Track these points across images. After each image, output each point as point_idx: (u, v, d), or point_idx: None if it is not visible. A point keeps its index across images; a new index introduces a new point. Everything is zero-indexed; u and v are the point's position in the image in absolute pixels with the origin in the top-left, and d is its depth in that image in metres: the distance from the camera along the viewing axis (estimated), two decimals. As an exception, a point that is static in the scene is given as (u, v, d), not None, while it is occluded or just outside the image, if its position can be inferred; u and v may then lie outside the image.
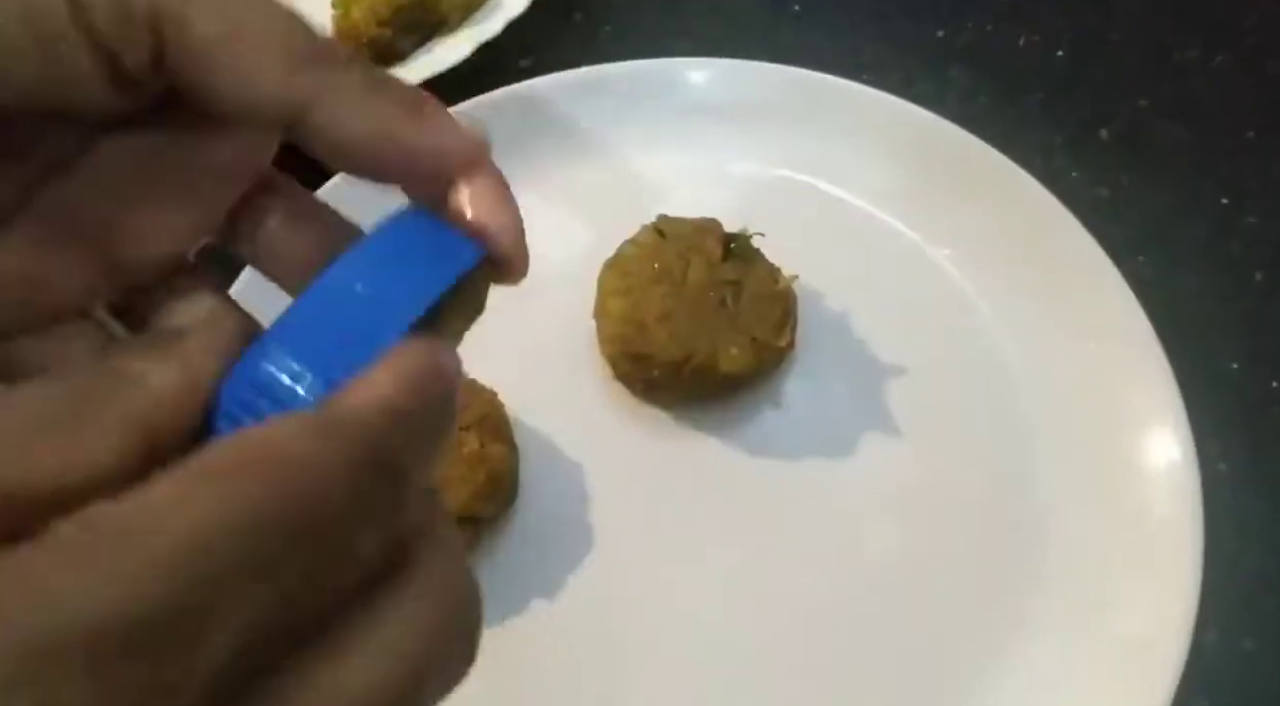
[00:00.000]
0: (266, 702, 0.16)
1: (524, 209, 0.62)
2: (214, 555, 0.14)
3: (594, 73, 0.63)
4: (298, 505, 0.16)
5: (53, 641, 0.13)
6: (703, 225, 0.55)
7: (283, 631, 0.16)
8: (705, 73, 0.63)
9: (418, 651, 0.18)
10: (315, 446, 0.16)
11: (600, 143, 0.63)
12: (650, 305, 0.52)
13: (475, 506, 0.49)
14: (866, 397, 0.54)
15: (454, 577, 0.19)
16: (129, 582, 0.14)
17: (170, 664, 0.14)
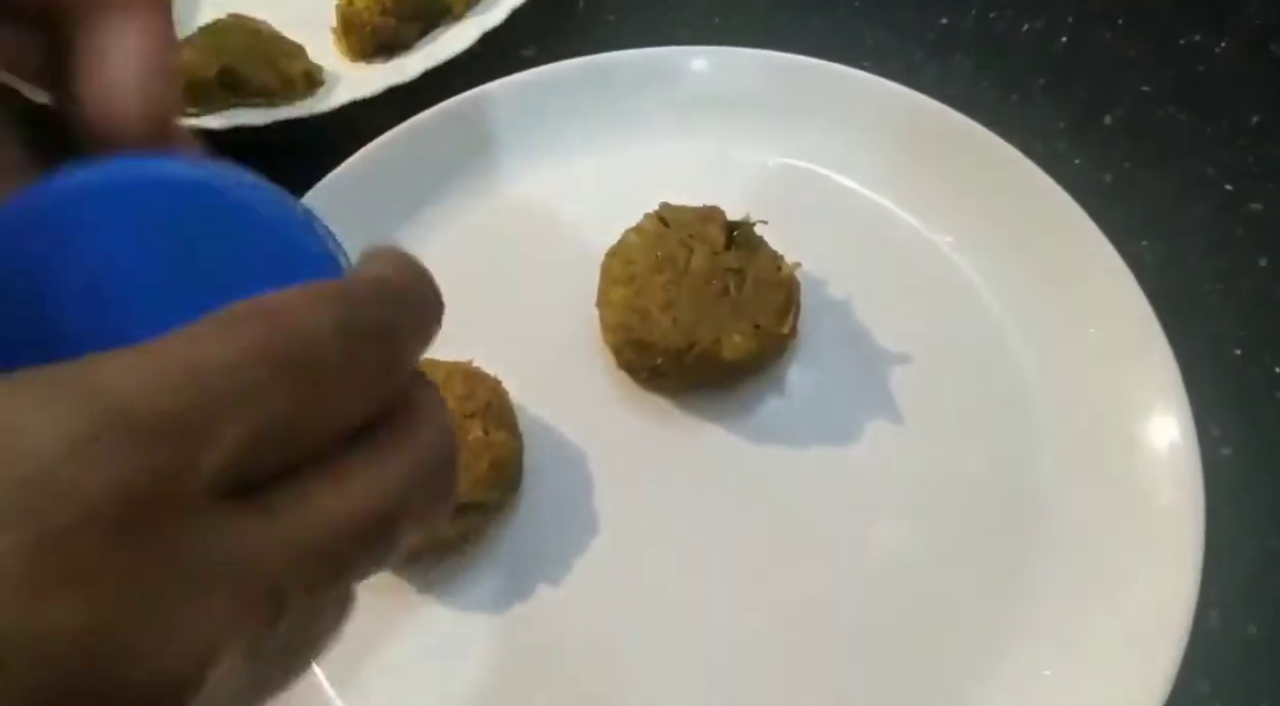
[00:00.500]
0: (265, 514, 0.20)
1: (526, 197, 0.63)
2: (219, 375, 0.19)
3: (597, 61, 0.63)
4: (295, 347, 0.20)
5: (116, 413, 0.18)
6: (705, 213, 0.55)
7: (279, 449, 0.20)
8: (707, 61, 0.63)
9: (402, 487, 0.22)
10: (318, 307, 0.21)
11: (603, 131, 0.63)
12: (653, 293, 0.53)
13: (479, 493, 0.50)
14: (869, 384, 0.54)
15: (437, 433, 0.23)
16: (157, 387, 0.18)
17: (184, 450, 0.18)
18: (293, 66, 0.64)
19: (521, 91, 0.62)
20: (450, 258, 0.59)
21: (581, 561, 0.51)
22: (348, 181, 0.59)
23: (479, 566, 0.51)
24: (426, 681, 0.48)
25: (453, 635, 0.49)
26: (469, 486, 0.49)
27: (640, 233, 0.55)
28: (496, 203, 0.61)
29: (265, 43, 0.64)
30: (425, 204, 0.61)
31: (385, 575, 0.51)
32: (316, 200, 0.59)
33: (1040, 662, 0.47)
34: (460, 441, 0.50)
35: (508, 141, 0.62)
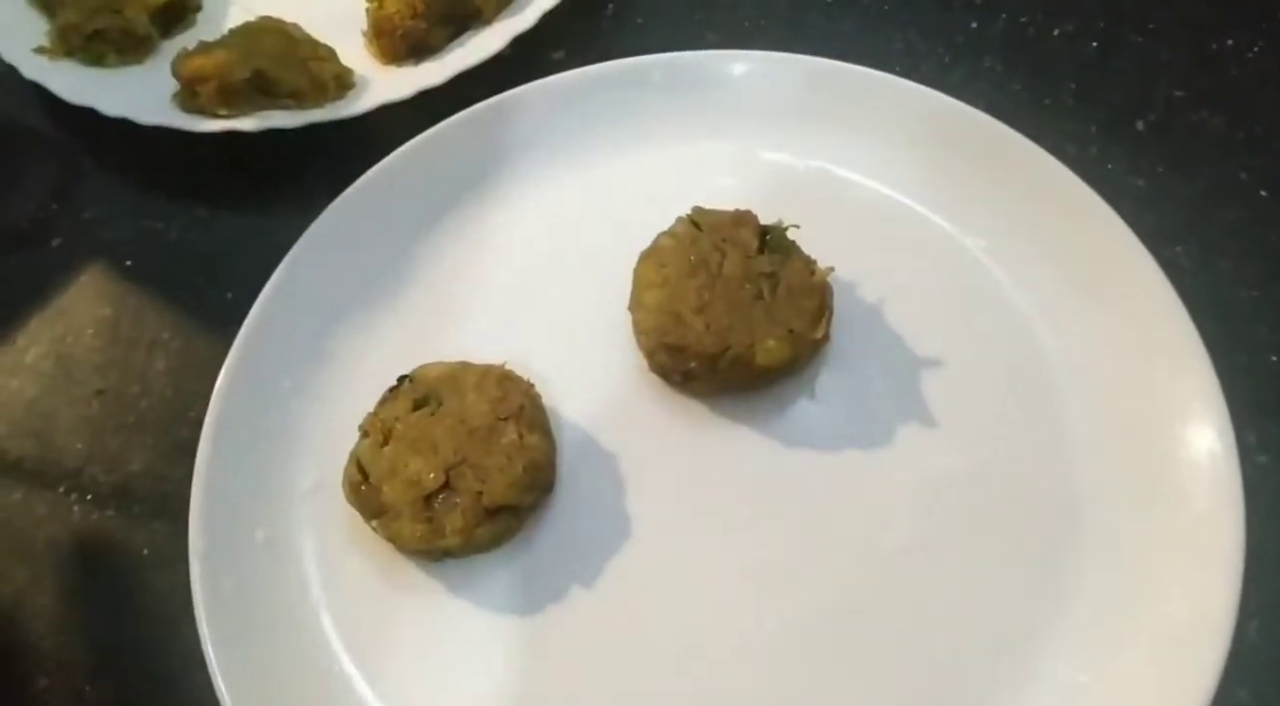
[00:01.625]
0: None
1: (559, 201, 0.63)
2: None
3: (627, 65, 0.63)
4: None
5: None
6: (738, 217, 0.55)
7: None
8: (738, 64, 0.63)
9: None
10: None
11: (634, 135, 0.63)
12: (686, 297, 0.53)
13: (514, 496, 0.50)
14: (902, 389, 0.54)
15: None
16: None
17: None
18: (324, 69, 0.64)
19: (552, 95, 0.62)
20: (482, 261, 0.60)
21: (614, 563, 0.51)
22: (379, 185, 0.60)
23: (512, 568, 0.51)
24: (457, 680, 0.49)
25: (484, 635, 0.49)
26: (503, 489, 0.49)
27: (673, 236, 0.55)
28: (527, 206, 0.61)
29: (297, 45, 0.65)
30: (456, 207, 0.61)
31: (419, 574, 0.51)
32: (347, 204, 0.59)
33: (1076, 669, 0.46)
34: (495, 445, 0.50)
35: (538, 145, 0.62)
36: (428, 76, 0.64)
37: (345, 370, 0.57)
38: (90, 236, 0.66)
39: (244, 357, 0.55)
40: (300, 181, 0.66)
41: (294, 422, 0.55)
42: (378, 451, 0.51)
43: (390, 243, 0.60)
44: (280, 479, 0.54)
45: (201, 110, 0.63)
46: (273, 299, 0.56)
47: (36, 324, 0.63)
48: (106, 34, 0.67)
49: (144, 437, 0.58)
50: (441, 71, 0.64)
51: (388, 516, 0.50)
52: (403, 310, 0.58)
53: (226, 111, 0.63)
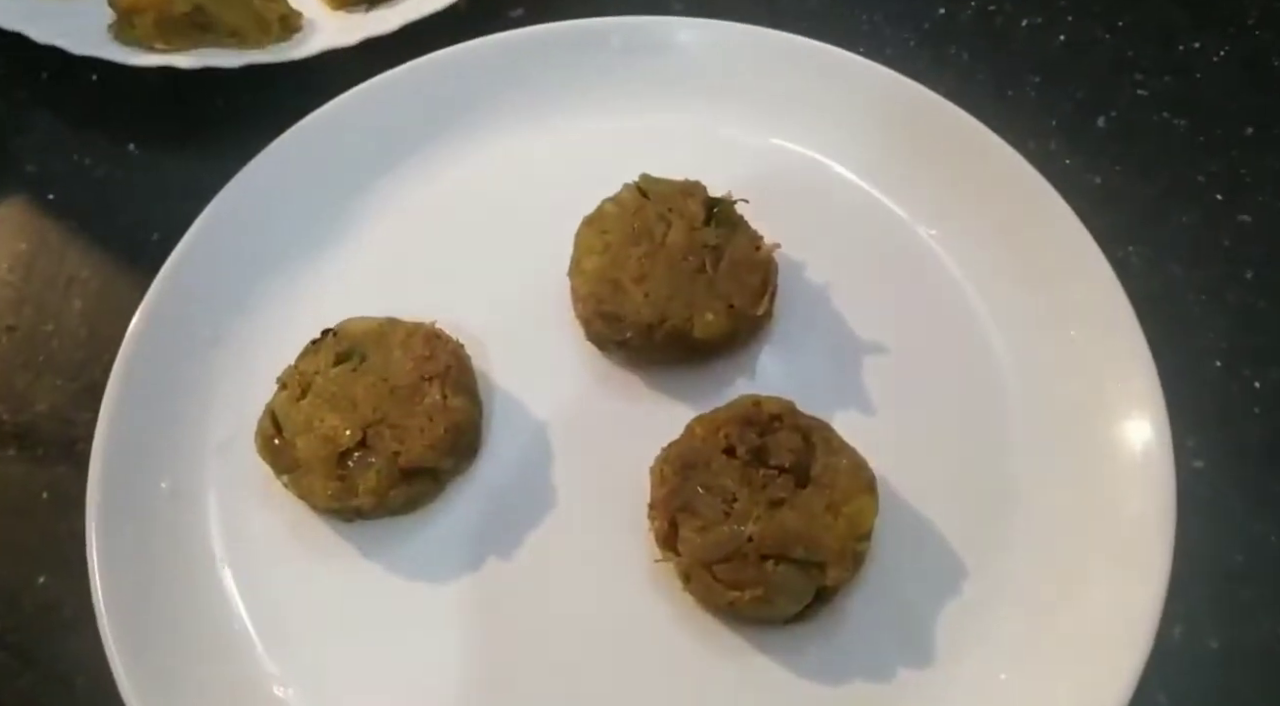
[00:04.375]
0: None
1: (504, 161, 0.61)
2: None
3: (586, 25, 0.61)
4: None
5: None
6: (686, 187, 0.54)
7: None
8: (699, 33, 0.61)
9: None
10: None
11: (587, 99, 0.61)
12: (627, 265, 0.51)
13: (432, 458, 0.48)
14: (842, 372, 0.53)
15: None
16: None
17: None
18: (269, 9, 0.61)
19: (505, 51, 0.60)
20: (420, 218, 0.58)
21: (534, 534, 0.49)
22: (317, 132, 0.57)
23: (429, 533, 0.49)
24: (363, 645, 0.47)
25: (395, 601, 0.48)
26: (421, 450, 0.47)
27: (618, 203, 0.54)
28: (471, 165, 0.59)
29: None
30: (397, 161, 0.59)
31: (330, 535, 0.49)
32: (283, 150, 0.57)
33: (995, 666, 0.45)
34: (416, 405, 0.48)
35: (487, 103, 0.60)
36: (378, 24, 0.62)
37: (269, 321, 0.54)
38: (13, 168, 0.63)
39: (162, 301, 0.52)
40: (238, 124, 0.63)
41: (211, 372, 0.53)
42: (294, 405, 0.49)
43: (325, 193, 0.57)
44: (192, 429, 0.51)
45: (138, 43, 0.60)
46: (197, 242, 0.54)
47: (-51, 255, 0.60)
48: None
49: (53, 378, 0.56)
50: (392, 19, 0.62)
51: (299, 472, 0.48)
52: (333, 263, 0.56)
53: (164, 46, 0.60)
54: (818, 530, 0.44)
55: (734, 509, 0.45)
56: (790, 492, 0.45)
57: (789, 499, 0.45)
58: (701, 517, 0.45)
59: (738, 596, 0.44)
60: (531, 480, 0.50)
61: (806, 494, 0.45)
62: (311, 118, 0.57)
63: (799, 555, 0.44)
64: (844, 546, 0.44)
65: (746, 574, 0.44)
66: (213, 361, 0.53)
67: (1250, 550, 0.50)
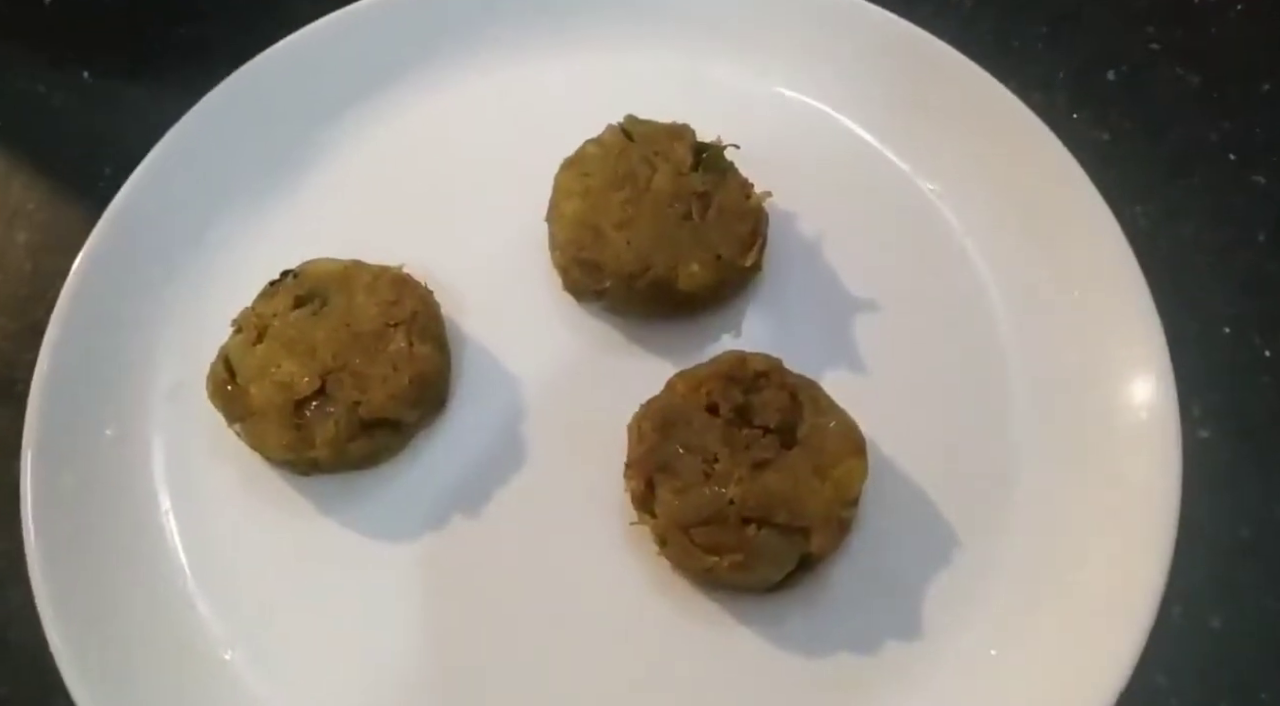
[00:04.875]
0: None
1: (480, 99, 0.57)
2: None
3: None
4: None
5: None
6: (673, 130, 0.51)
7: None
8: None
9: None
10: None
11: (570, 34, 0.57)
12: (609, 210, 0.48)
13: (395, 409, 0.45)
14: (833, 330, 0.50)
15: None
16: None
17: None
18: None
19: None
20: (390, 156, 0.54)
21: (501, 492, 0.46)
22: (282, 63, 0.54)
23: (390, 488, 0.46)
24: (315, 604, 0.44)
25: (355, 559, 0.45)
26: (384, 400, 0.45)
27: (601, 145, 0.50)
28: (445, 102, 0.56)
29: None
30: (366, 95, 0.55)
31: (285, 488, 0.46)
32: (245, 79, 0.53)
33: (986, 642, 0.43)
34: (380, 352, 0.45)
35: (464, 35, 0.56)
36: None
37: (225, 261, 0.51)
38: None
39: (110, 237, 0.49)
40: (201, 54, 0.59)
41: (162, 313, 0.50)
42: (249, 349, 0.46)
43: (288, 129, 0.54)
44: (140, 373, 0.48)
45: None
46: (150, 175, 0.51)
47: (-112, 184, 0.56)
48: None
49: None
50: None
51: (253, 420, 0.45)
52: (295, 202, 0.53)
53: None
54: (803, 494, 0.42)
55: (715, 470, 0.42)
56: (775, 454, 0.42)
57: (773, 460, 0.42)
58: (680, 478, 0.42)
59: (716, 562, 0.42)
60: (501, 435, 0.47)
61: (792, 455, 0.43)
62: (276, 48, 0.54)
63: (782, 519, 0.41)
64: (830, 512, 0.42)
65: (726, 538, 0.41)
66: (163, 301, 0.50)
67: (1257, 525, 0.47)
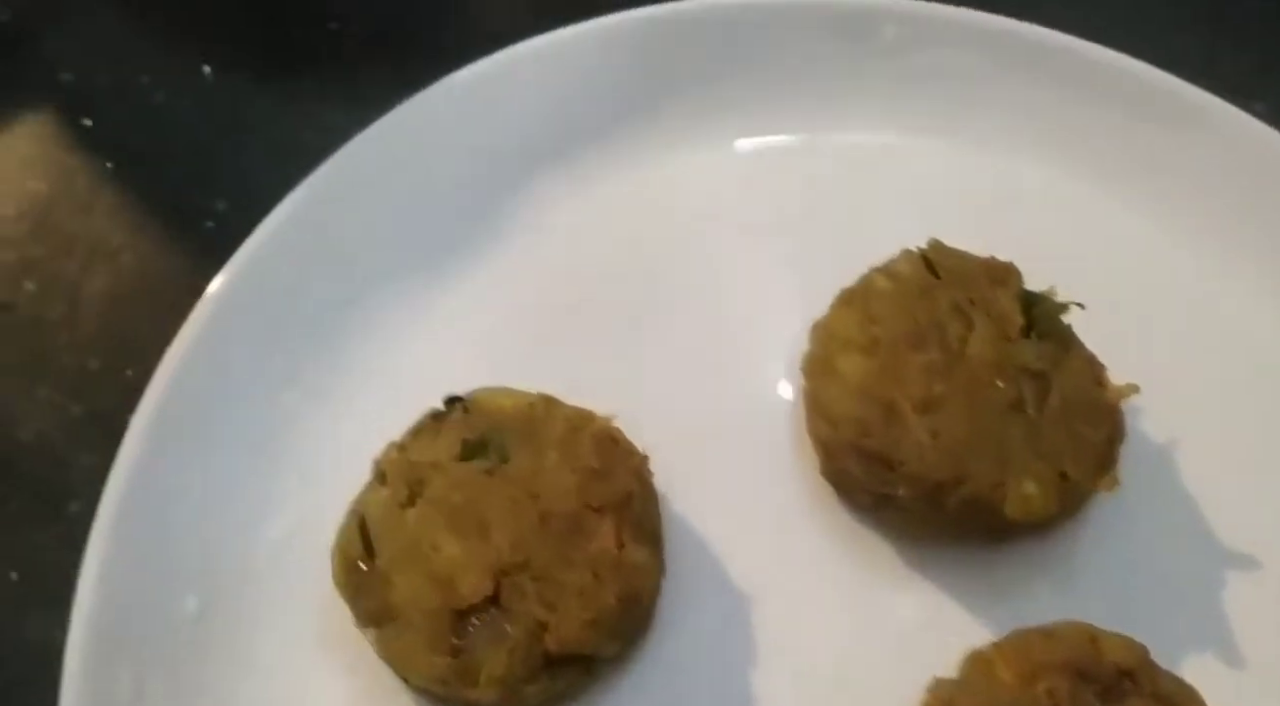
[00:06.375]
0: None
1: (709, 176, 0.39)
2: None
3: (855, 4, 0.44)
4: None
5: None
6: (995, 270, 0.37)
7: None
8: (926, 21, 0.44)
9: None
10: None
11: (801, 103, 0.44)
12: (908, 380, 0.34)
13: (593, 642, 0.32)
14: (1202, 581, 0.35)
15: None
16: None
17: None
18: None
19: (681, 27, 0.43)
20: (588, 248, 0.42)
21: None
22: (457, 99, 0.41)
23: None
24: None
25: None
26: (580, 628, 0.31)
27: (894, 278, 0.37)
28: (663, 175, 0.42)
29: None
30: (560, 156, 0.42)
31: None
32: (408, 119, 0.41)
33: None
34: (578, 548, 0.32)
35: (664, 102, 0.43)
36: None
37: (366, 366, 0.38)
38: (42, 74, 0.46)
39: (218, 313, 0.36)
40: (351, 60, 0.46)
41: (273, 429, 0.36)
42: (395, 513, 0.33)
43: (459, 189, 0.41)
44: (234, 516, 0.35)
45: None
46: (278, 235, 0.37)
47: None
48: None
49: (47, 390, 0.39)
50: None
51: (393, 627, 0.32)
52: (468, 293, 0.40)
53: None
54: None
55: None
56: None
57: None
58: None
59: None
60: (717, 686, 0.34)
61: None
62: (448, 80, 0.41)
63: None
64: None
65: None
66: (280, 412, 0.37)
67: None
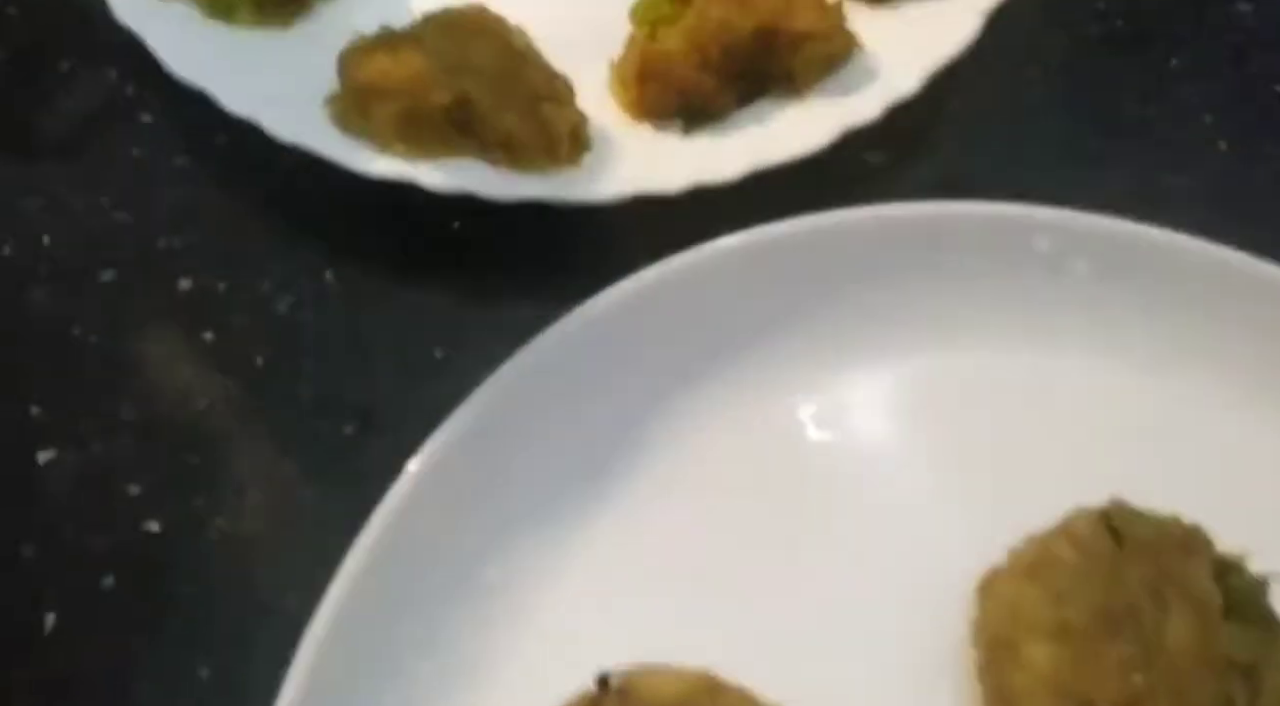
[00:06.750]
0: None
1: (882, 416, 0.35)
2: None
3: (1017, 213, 0.41)
4: None
5: None
6: (1184, 537, 0.34)
7: None
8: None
9: None
10: None
11: (954, 321, 0.41)
12: (1105, 676, 0.31)
13: None
14: None
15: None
16: None
17: None
18: (559, 117, 0.42)
19: (892, 237, 0.41)
20: (736, 510, 0.38)
21: None
22: (623, 328, 0.38)
23: None
24: None
25: None
26: None
27: (1077, 546, 0.34)
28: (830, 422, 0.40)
29: (523, 67, 0.43)
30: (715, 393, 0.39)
31: None
32: (564, 344, 0.38)
33: None
34: None
35: (842, 329, 0.40)
36: (706, 163, 0.42)
37: (505, 631, 0.35)
38: (161, 284, 0.44)
39: (355, 588, 0.34)
40: (480, 265, 0.44)
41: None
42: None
43: (616, 421, 0.38)
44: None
45: (369, 136, 0.42)
46: (421, 486, 0.35)
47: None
48: (248, -23, 0.45)
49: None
50: (727, 162, 0.42)
51: None
52: (623, 552, 0.37)
53: (404, 148, 0.41)
54: None
55: None
56: None
57: None
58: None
59: None
60: None
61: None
62: (607, 304, 0.38)
63: None
64: None
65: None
66: (416, 692, 0.34)
67: None
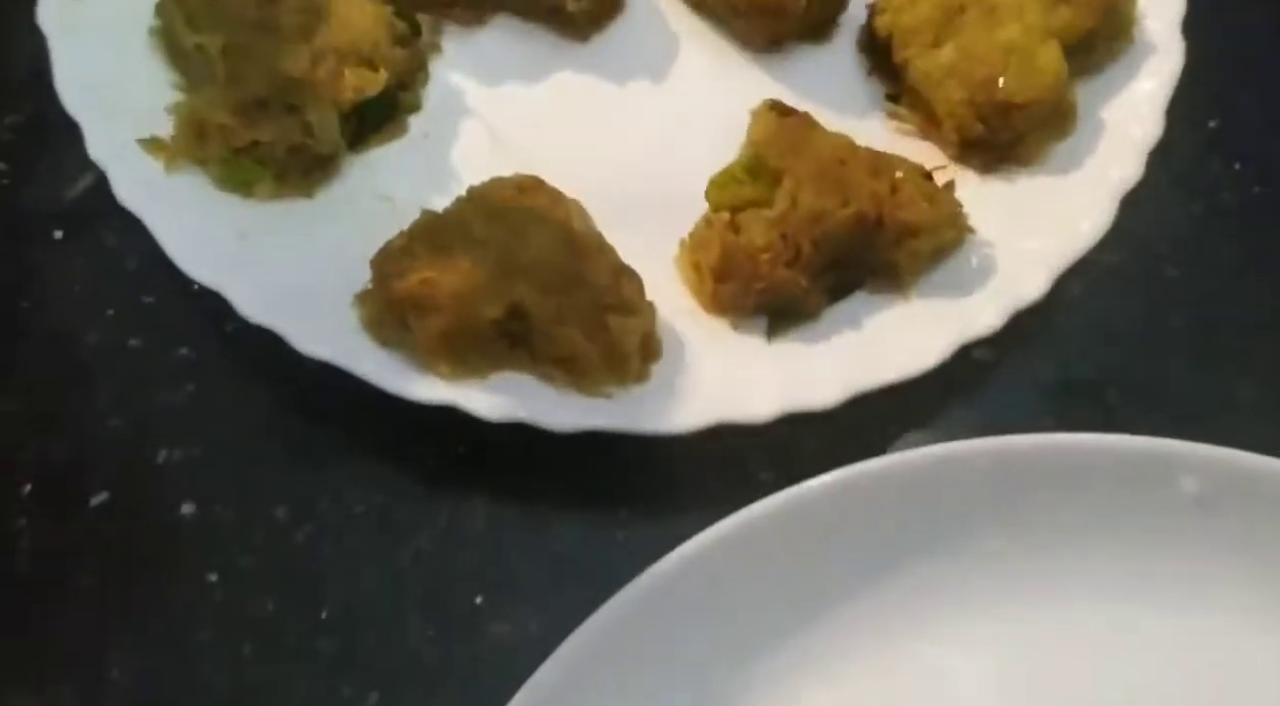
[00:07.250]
0: None
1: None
2: None
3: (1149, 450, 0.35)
4: None
5: None
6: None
7: None
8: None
9: None
10: None
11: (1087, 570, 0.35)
12: None
13: None
14: None
15: None
16: None
17: None
18: (628, 330, 0.36)
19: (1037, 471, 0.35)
20: None
21: None
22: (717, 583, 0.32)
23: None
24: None
25: None
26: None
27: None
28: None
29: (587, 265, 0.37)
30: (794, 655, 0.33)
31: None
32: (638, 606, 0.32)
33: None
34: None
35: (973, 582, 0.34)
36: (798, 381, 0.36)
37: None
38: (155, 496, 0.38)
39: None
40: (541, 504, 0.38)
41: None
42: None
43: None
44: None
45: (408, 350, 0.36)
46: None
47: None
48: (268, 146, 0.39)
49: None
50: (824, 378, 0.36)
51: None
52: None
53: (449, 369, 0.35)
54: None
55: None
56: None
57: None
58: None
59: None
60: None
61: None
62: (700, 550, 0.32)
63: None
64: None
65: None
66: None
67: None
